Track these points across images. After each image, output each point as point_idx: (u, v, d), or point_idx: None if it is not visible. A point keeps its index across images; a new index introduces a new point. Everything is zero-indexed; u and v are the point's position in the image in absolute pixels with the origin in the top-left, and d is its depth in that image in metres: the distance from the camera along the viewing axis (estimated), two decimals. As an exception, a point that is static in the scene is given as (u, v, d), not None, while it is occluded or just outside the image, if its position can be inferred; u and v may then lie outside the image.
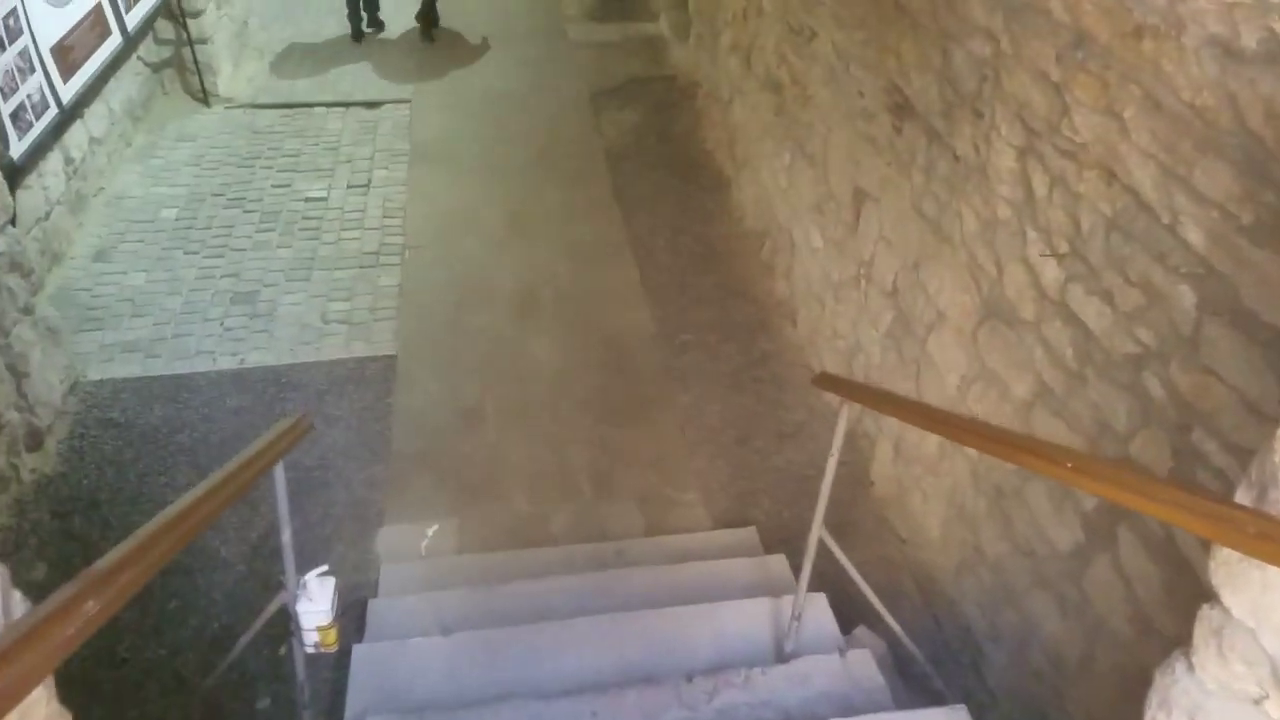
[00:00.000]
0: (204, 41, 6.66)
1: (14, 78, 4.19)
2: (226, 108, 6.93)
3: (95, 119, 5.69)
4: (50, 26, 4.56)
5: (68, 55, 4.75)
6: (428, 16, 8.08)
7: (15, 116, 4.22)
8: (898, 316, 3.69)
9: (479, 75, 7.62)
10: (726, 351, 4.82)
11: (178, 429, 4.39)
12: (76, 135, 5.44)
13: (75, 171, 5.41)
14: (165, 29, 6.56)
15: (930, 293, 3.41)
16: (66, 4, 4.75)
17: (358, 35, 7.95)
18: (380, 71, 7.55)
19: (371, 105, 7.10)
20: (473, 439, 4.34)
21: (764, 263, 5.35)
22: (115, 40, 5.32)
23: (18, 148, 4.26)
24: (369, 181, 6.27)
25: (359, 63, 7.65)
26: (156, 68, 6.70)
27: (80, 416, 4.42)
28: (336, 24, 8.22)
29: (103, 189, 5.80)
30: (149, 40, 6.54)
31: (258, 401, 4.52)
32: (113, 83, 5.94)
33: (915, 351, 3.55)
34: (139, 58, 6.43)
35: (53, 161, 5.14)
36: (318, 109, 7.04)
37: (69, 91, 4.76)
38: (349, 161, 6.47)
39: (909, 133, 3.49)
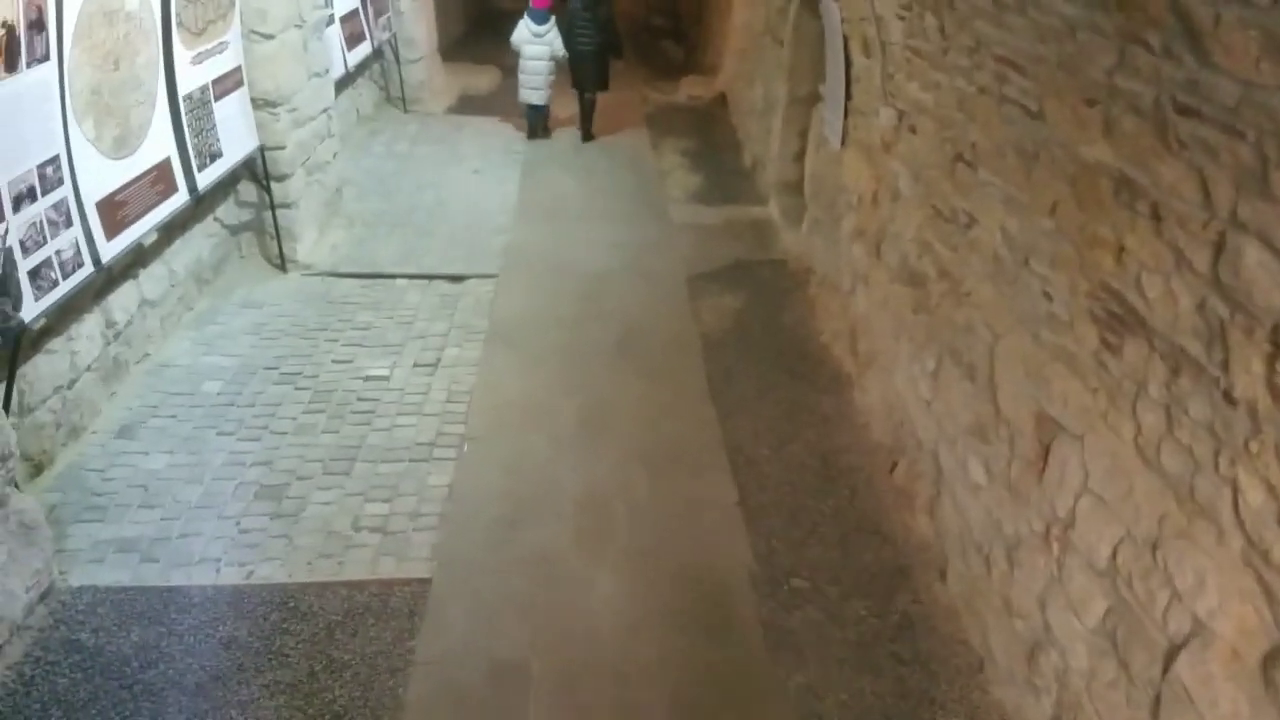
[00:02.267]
0: (288, 206, 6.34)
1: (42, 231, 3.69)
2: (303, 275, 6.52)
3: (151, 280, 5.25)
4: (101, 178, 4.14)
5: (117, 211, 4.31)
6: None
7: (36, 274, 3.69)
8: (1119, 610, 2.56)
9: (572, 253, 7.09)
10: (852, 610, 3.69)
11: (151, 662, 3.50)
12: (125, 296, 4.97)
13: (117, 336, 4.89)
14: (249, 191, 6.27)
15: (1180, 588, 2.30)
16: (126, 155, 4.35)
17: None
18: (467, 245, 7.11)
19: (456, 279, 6.59)
20: (508, 714, 3.28)
21: (899, 488, 4.30)
22: (179, 198, 4.93)
23: (33, 308, 3.70)
24: (438, 360, 5.60)
25: (448, 235, 7.26)
26: (235, 230, 6.37)
27: (43, 635, 3.58)
28: (432, 197, 7.97)
29: (148, 355, 5.27)
30: (230, 202, 6.24)
31: (254, 634, 3.61)
32: (178, 243, 5.56)
33: (1152, 672, 2.39)
34: (216, 219, 6.10)
35: (89, 324, 4.62)
36: (399, 281, 6.56)
37: (111, 249, 4.28)
38: (421, 338, 5.86)
39: (1133, 353, 2.50)
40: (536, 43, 9.32)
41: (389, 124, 10.00)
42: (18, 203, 3.50)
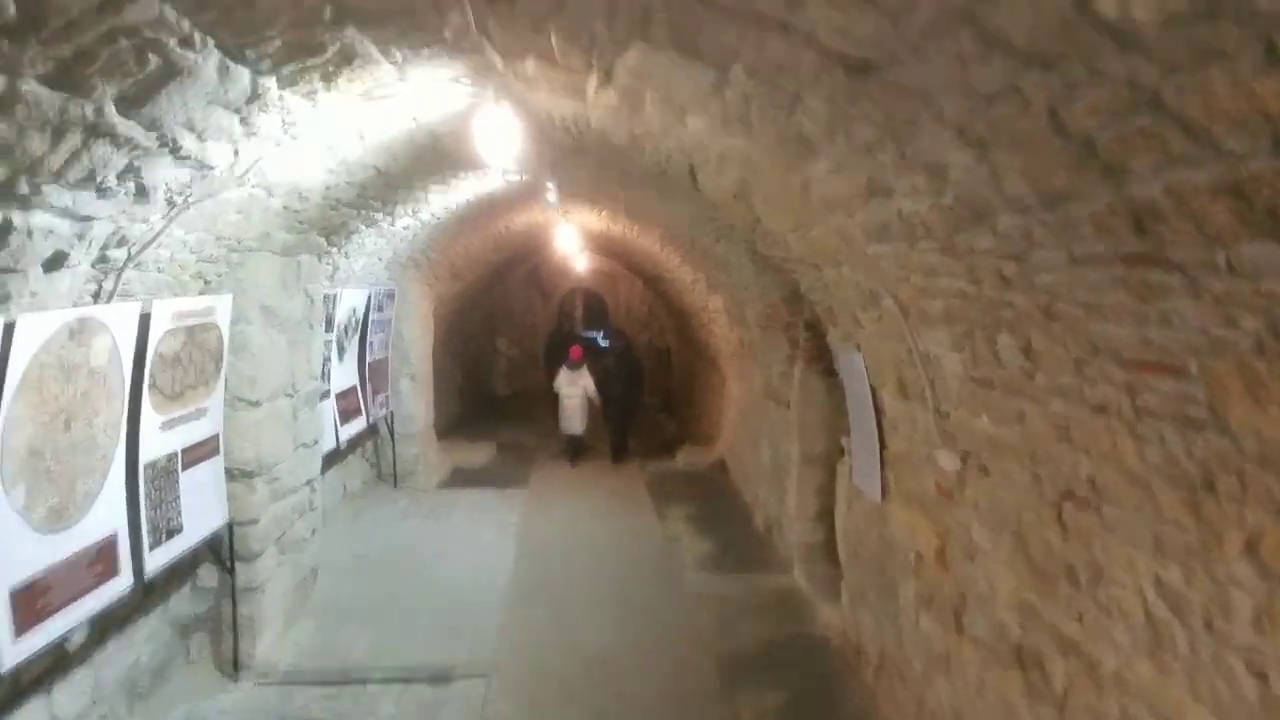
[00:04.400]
0: (253, 590, 5.49)
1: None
2: (256, 684, 5.39)
3: (69, 694, 4.23)
4: (22, 558, 3.37)
5: (37, 600, 3.48)
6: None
7: (-110, 689, 2.77)
8: None
9: (579, 634, 6.11)
10: None
11: None
12: (30, 716, 3.92)
13: (6, 768, 3.77)
14: (209, 576, 5.45)
15: None
16: (61, 529, 3.64)
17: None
18: (453, 632, 6.12)
19: (439, 680, 5.45)
20: None
21: None
22: (119, 585, 4.11)
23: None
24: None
25: (433, 622, 6.29)
26: (186, 626, 5.42)
27: None
28: (417, 578, 7.15)
29: (39, 793, 4.07)
30: (185, 591, 5.39)
31: None
32: (112, 644, 4.62)
33: None
34: (165, 610, 5.20)
35: (-32, 754, 3.55)
36: (371, 685, 5.41)
37: (18, 651, 3.38)
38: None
39: None
40: (574, 385, 11.82)
41: (377, 500, 9.48)
42: (-112, 588, 2.72)
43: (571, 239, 11.61)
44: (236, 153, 3.58)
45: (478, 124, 4.12)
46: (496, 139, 4.16)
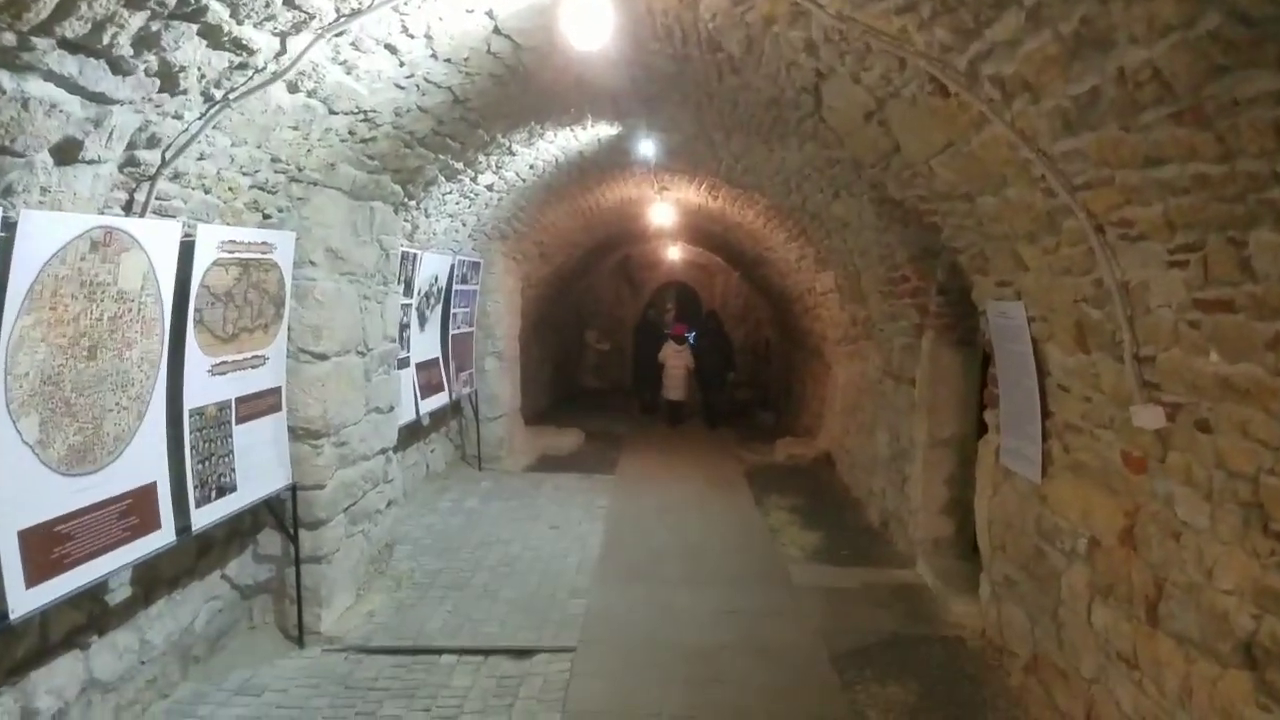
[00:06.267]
0: (318, 561, 5.03)
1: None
2: (324, 650, 4.98)
3: (108, 653, 3.82)
4: (33, 498, 2.93)
5: (53, 546, 3.03)
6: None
7: None
8: None
9: (670, 622, 5.45)
10: None
11: None
12: (59, 674, 3.51)
13: (33, 736, 3.35)
14: (271, 543, 5.02)
15: None
16: (84, 472, 3.18)
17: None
18: (536, 612, 5.57)
19: (520, 654, 4.95)
20: None
21: None
22: (161, 538, 3.66)
23: None
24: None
25: (514, 600, 5.76)
26: (248, 592, 5.01)
27: None
28: (499, 555, 6.63)
29: (70, 766, 3.64)
30: (246, 556, 4.97)
31: None
32: (160, 604, 4.21)
33: None
34: (224, 577, 4.79)
35: (-12, 718, 3.13)
36: (445, 658, 4.95)
37: (29, 600, 2.93)
38: (461, 747, 4.13)
39: None
40: (677, 358, 13.81)
41: (461, 481, 9.05)
42: None
43: (666, 216, 10.92)
44: (279, 35, 3.05)
45: (565, 9, 3.52)
46: (586, 22, 3.54)
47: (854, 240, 7.26)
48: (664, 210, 10.52)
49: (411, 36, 3.63)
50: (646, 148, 7.01)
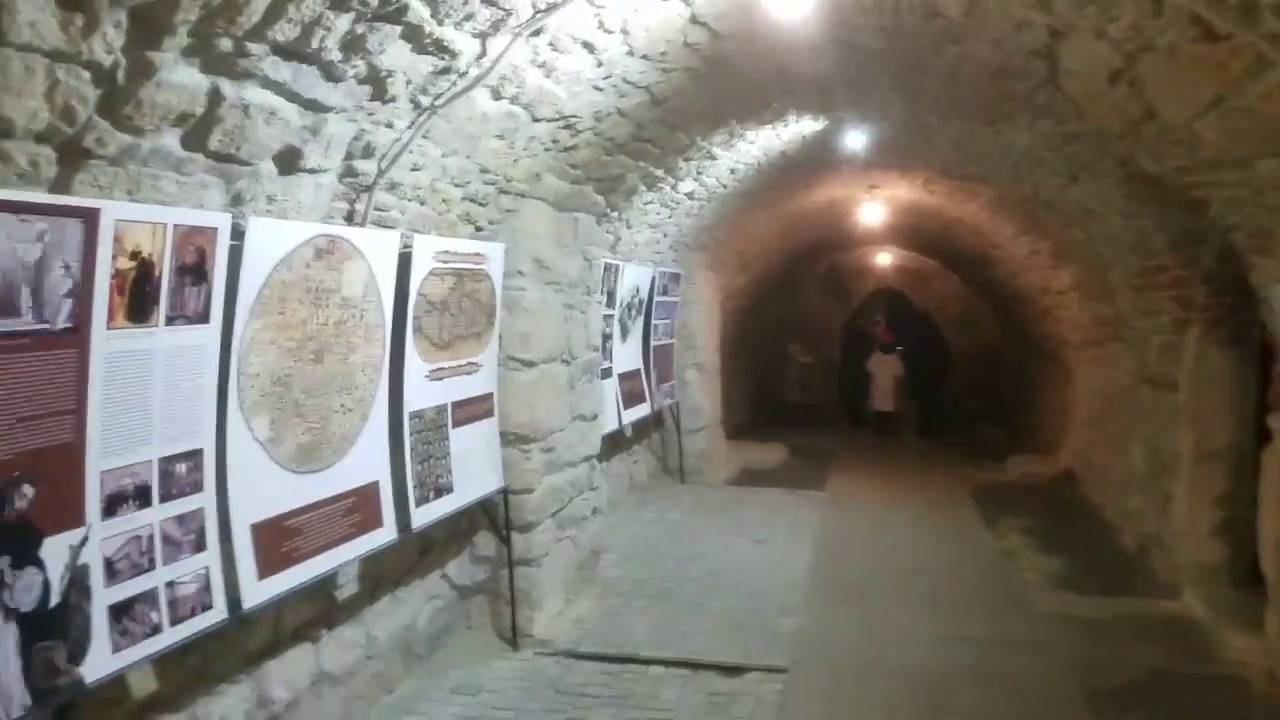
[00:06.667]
0: (529, 563, 5.10)
1: (148, 550, 2.59)
2: (536, 653, 5.03)
3: (337, 647, 4.02)
4: (267, 493, 3.11)
5: (283, 540, 3.21)
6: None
7: (123, 612, 2.51)
8: None
9: (892, 647, 5.03)
10: None
11: None
12: (292, 666, 3.72)
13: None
14: (487, 545, 5.15)
15: None
16: (313, 469, 3.36)
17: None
18: (743, 628, 5.33)
19: (729, 671, 4.74)
20: None
21: None
22: (383, 535, 3.81)
23: (106, 663, 2.47)
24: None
25: (722, 613, 5.56)
26: (466, 593, 5.16)
27: None
28: (705, 567, 6.46)
29: (303, 752, 3.85)
30: (464, 558, 5.12)
31: None
32: (385, 601, 4.39)
33: None
34: (444, 576, 4.96)
35: (230, 701, 3.35)
36: (653, 669, 4.84)
37: (261, 592, 3.10)
38: (667, 762, 3.97)
39: None
40: (884, 367, 13.43)
41: (664, 493, 9.00)
42: (113, 504, 2.46)
43: (876, 216, 10.38)
44: (478, 36, 3.09)
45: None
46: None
47: (1098, 228, 6.47)
48: (873, 210, 10.00)
49: (608, 32, 3.59)
50: (854, 141, 6.65)
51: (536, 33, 3.30)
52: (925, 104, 5.67)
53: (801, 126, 6.37)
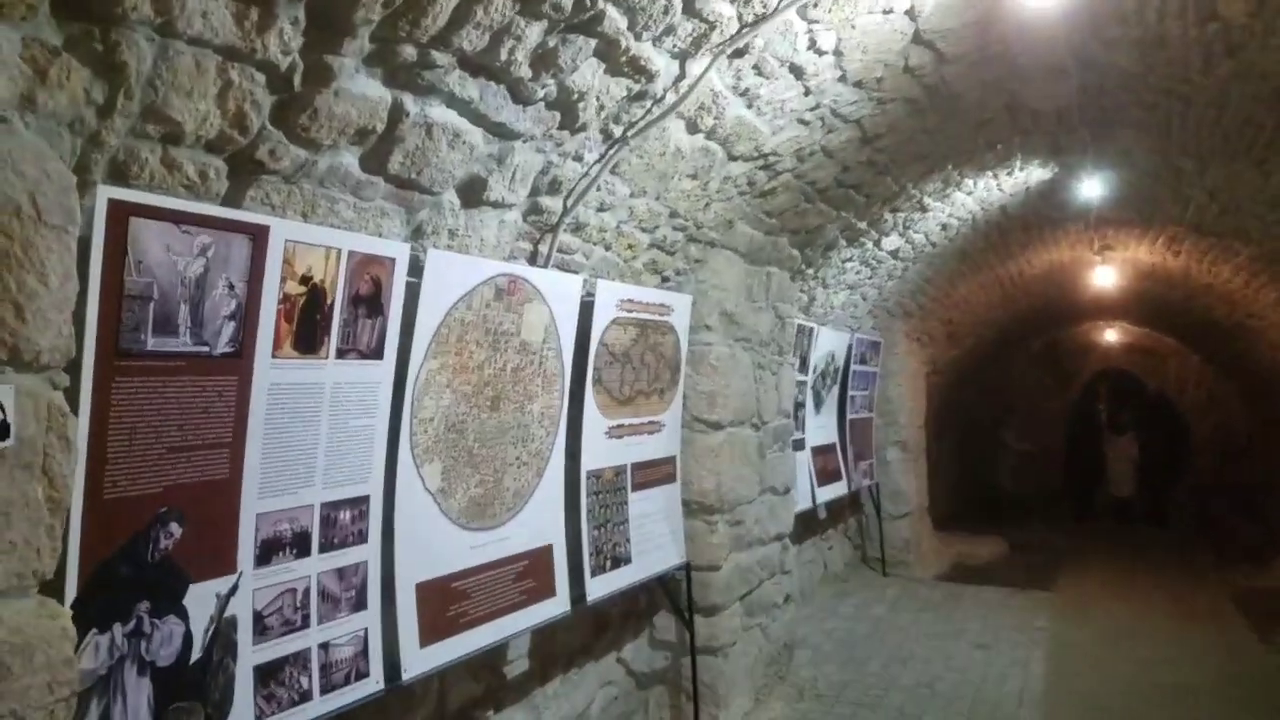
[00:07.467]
0: (713, 653, 4.59)
1: (303, 606, 2.36)
2: (718, 761, 4.47)
3: (497, 727, 3.66)
4: (440, 552, 2.84)
5: (449, 605, 2.91)
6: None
7: (271, 675, 2.28)
8: None
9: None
10: None
11: None
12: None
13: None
14: (666, 627, 4.68)
15: None
16: (485, 527, 3.07)
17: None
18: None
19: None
20: None
21: None
22: (556, 606, 3.43)
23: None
24: None
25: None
26: (644, 681, 4.70)
27: None
28: (916, 674, 5.63)
29: None
30: (642, 640, 4.68)
31: None
32: (557, 682, 4.02)
33: None
34: (619, 660, 4.53)
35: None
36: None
37: (421, 662, 2.80)
38: None
39: None
40: (1119, 449, 12.73)
41: (863, 585, 8.16)
42: (268, 551, 2.26)
43: (1106, 282, 9.24)
44: (677, 56, 2.81)
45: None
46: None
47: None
48: (1103, 275, 8.90)
49: (820, 53, 3.22)
50: (1087, 190, 5.87)
51: (739, 53, 2.99)
52: (1180, 143, 4.89)
53: (1027, 174, 5.71)
